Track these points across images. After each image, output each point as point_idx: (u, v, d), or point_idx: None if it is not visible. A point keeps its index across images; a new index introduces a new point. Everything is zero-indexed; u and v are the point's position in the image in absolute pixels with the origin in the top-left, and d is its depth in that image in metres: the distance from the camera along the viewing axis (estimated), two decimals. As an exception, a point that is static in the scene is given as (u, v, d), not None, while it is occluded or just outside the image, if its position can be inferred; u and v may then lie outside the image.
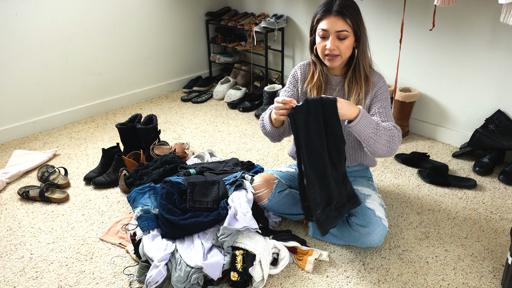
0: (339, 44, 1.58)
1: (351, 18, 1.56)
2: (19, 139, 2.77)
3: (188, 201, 1.73)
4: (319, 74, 1.72)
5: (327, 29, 1.57)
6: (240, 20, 3.34)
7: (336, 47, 1.58)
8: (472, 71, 2.40)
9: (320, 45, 1.62)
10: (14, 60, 2.63)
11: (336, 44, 1.58)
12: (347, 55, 1.63)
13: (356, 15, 1.58)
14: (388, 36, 2.66)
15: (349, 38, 1.58)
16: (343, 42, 1.58)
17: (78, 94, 3.00)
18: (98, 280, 1.64)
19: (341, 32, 1.56)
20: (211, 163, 2.18)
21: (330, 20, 1.56)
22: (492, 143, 2.30)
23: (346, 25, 1.56)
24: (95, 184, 2.23)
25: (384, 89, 1.70)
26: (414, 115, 2.75)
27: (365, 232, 1.64)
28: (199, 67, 3.71)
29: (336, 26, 1.56)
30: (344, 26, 1.56)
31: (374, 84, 1.69)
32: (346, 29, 1.56)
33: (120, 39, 3.09)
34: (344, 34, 1.57)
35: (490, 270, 1.66)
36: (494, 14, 2.20)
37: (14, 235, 1.90)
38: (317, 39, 1.63)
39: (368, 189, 1.83)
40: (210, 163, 2.18)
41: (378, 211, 1.70)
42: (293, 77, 1.83)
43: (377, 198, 1.79)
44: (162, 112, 3.16)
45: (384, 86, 1.70)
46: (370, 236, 1.64)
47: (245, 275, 1.54)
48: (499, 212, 2.00)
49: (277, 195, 1.79)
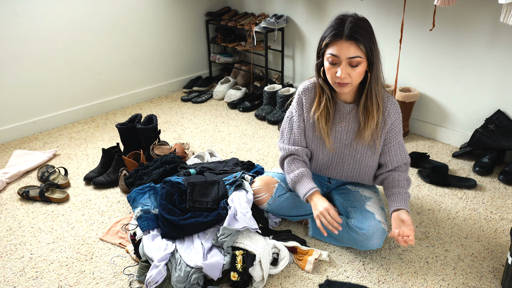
0: (350, 71, 1.44)
1: (365, 43, 1.42)
2: (19, 139, 2.77)
3: (188, 201, 1.73)
4: (326, 100, 1.58)
5: (337, 55, 1.43)
6: (240, 20, 3.34)
7: (347, 75, 1.45)
8: (472, 71, 2.40)
9: (330, 71, 1.48)
10: (14, 60, 2.63)
11: (348, 71, 1.44)
12: (358, 81, 1.50)
13: (369, 38, 1.44)
14: (388, 36, 2.66)
15: (362, 64, 1.45)
16: (355, 69, 1.44)
17: (78, 94, 3.00)
18: (98, 280, 1.64)
19: (353, 58, 1.42)
20: (211, 163, 2.18)
21: (341, 45, 1.42)
22: (492, 143, 2.30)
23: (359, 50, 1.42)
24: (95, 184, 2.23)
25: (399, 120, 1.63)
26: (414, 115, 2.75)
27: (364, 236, 1.64)
28: (199, 67, 3.71)
29: (348, 53, 1.41)
30: (357, 52, 1.42)
31: (389, 113, 1.59)
32: (359, 55, 1.42)
33: (120, 39, 3.09)
34: (356, 60, 1.43)
35: (490, 270, 1.66)
36: (494, 14, 2.20)
37: (14, 235, 1.90)
38: (326, 64, 1.48)
39: (369, 191, 1.82)
40: (210, 163, 2.18)
41: (378, 214, 1.70)
42: (298, 104, 1.67)
43: (378, 201, 1.79)
44: (162, 112, 3.16)
45: (399, 116, 1.62)
46: (369, 239, 1.64)
47: (245, 275, 1.54)
48: (499, 212, 2.00)
49: (277, 199, 1.78)
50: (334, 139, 1.68)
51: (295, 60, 3.33)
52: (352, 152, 1.69)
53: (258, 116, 3.03)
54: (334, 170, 1.79)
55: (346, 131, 1.66)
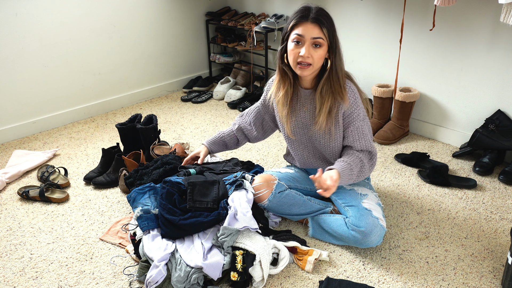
0: (313, 52, 1.55)
1: (328, 28, 1.55)
2: (19, 139, 2.77)
3: (188, 201, 1.73)
4: (287, 86, 1.69)
5: (302, 35, 1.54)
6: (240, 20, 3.34)
7: (310, 54, 1.55)
8: (472, 71, 2.40)
9: (293, 52, 1.58)
10: (14, 60, 2.63)
11: (311, 51, 1.55)
12: (318, 65, 1.60)
13: (331, 26, 1.57)
14: (388, 36, 2.66)
15: (323, 47, 1.56)
16: (317, 51, 1.55)
17: (78, 94, 3.00)
18: (98, 280, 1.64)
19: (316, 39, 1.54)
20: (211, 163, 2.18)
21: (306, 26, 1.54)
22: (492, 143, 2.30)
23: (322, 33, 1.54)
24: (95, 184, 2.23)
25: (355, 105, 1.66)
26: (414, 115, 2.75)
27: (362, 233, 1.64)
28: (199, 67, 3.71)
29: (313, 33, 1.54)
30: (320, 34, 1.54)
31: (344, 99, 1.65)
32: (321, 37, 1.54)
33: (120, 39, 3.09)
34: (319, 41, 1.54)
35: (490, 270, 1.66)
36: (494, 14, 2.20)
37: (14, 235, 1.90)
38: (290, 46, 1.59)
39: (364, 188, 1.82)
40: (210, 163, 2.18)
41: (375, 211, 1.70)
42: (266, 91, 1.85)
43: (374, 197, 1.79)
44: (162, 112, 3.16)
45: (356, 102, 1.66)
46: (368, 237, 1.64)
47: (245, 275, 1.54)
48: (499, 212, 2.00)
49: (277, 195, 1.79)
50: (295, 125, 1.77)
51: (295, 60, 3.32)
52: (312, 138, 1.77)
53: (258, 116, 3.03)
54: (307, 159, 1.88)
55: (305, 117, 1.75)
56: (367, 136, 1.71)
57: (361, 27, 2.78)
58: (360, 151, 1.71)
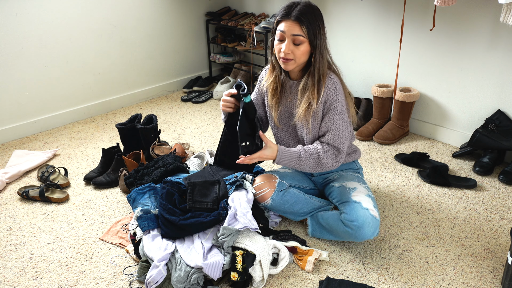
0: (294, 49, 1.59)
1: (308, 25, 1.56)
2: (19, 139, 2.77)
3: (188, 201, 1.73)
4: (276, 75, 1.75)
5: (284, 31, 1.59)
6: (240, 20, 3.34)
7: (290, 51, 1.59)
8: (472, 71, 2.40)
9: (277, 47, 1.64)
10: (14, 60, 2.63)
11: (291, 48, 1.59)
12: (301, 61, 1.63)
13: (314, 22, 1.57)
14: (388, 36, 2.66)
15: (304, 44, 1.59)
16: (298, 48, 1.59)
17: (78, 94, 3.00)
18: (98, 280, 1.64)
19: (296, 36, 1.57)
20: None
21: (287, 23, 1.58)
22: (492, 143, 2.30)
23: (302, 31, 1.57)
24: (95, 184, 2.23)
25: (335, 97, 1.66)
26: (414, 115, 2.75)
27: (355, 226, 1.64)
28: (199, 67, 3.71)
29: (293, 30, 1.57)
30: (300, 32, 1.57)
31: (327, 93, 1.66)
32: (301, 35, 1.57)
33: (120, 39, 3.09)
34: (299, 39, 1.58)
35: (490, 270, 1.66)
36: (494, 14, 2.20)
37: (14, 235, 1.90)
38: (275, 41, 1.64)
39: (352, 182, 1.82)
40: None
41: (364, 202, 1.69)
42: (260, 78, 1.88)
43: (363, 189, 1.78)
44: (162, 112, 3.16)
45: (336, 94, 1.67)
46: (361, 229, 1.63)
47: (245, 275, 1.54)
48: (499, 212, 2.00)
49: (280, 193, 1.79)
50: (281, 114, 1.82)
51: (295, 60, 3.32)
52: (295, 128, 1.82)
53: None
54: None
55: (290, 107, 1.79)
56: (339, 131, 1.69)
57: (361, 27, 2.78)
58: (326, 144, 1.70)
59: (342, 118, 1.69)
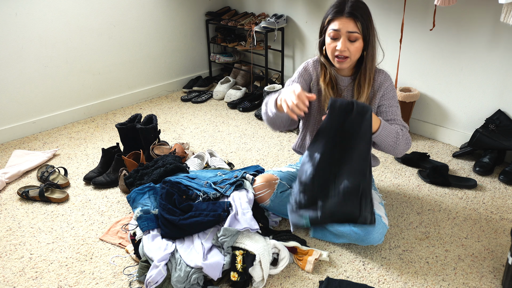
0: (349, 45, 1.57)
1: (362, 21, 1.55)
2: (19, 139, 2.77)
3: None
4: (329, 74, 1.72)
5: (338, 29, 1.56)
6: (240, 20, 3.34)
7: (346, 48, 1.57)
8: (472, 71, 2.39)
9: (331, 46, 1.60)
10: (14, 60, 2.63)
11: (347, 45, 1.57)
12: (356, 57, 1.62)
13: (367, 18, 1.57)
14: (388, 36, 2.66)
15: (359, 40, 1.58)
16: (353, 44, 1.57)
17: (78, 94, 2.99)
18: (98, 280, 1.64)
19: (352, 33, 1.55)
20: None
21: (341, 21, 1.55)
22: (492, 143, 2.30)
23: (357, 27, 1.55)
24: (95, 184, 2.22)
25: (391, 88, 1.71)
26: (414, 115, 2.75)
27: (365, 231, 1.64)
28: (199, 67, 3.71)
29: (348, 27, 1.55)
30: (355, 28, 1.55)
31: (381, 83, 1.70)
32: (356, 31, 1.55)
33: (120, 39, 3.09)
34: (354, 36, 1.56)
35: (491, 270, 1.66)
36: (494, 14, 2.20)
37: (14, 235, 1.89)
38: (327, 40, 1.61)
39: None
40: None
41: (377, 209, 1.71)
42: (306, 70, 1.77)
43: (377, 197, 1.80)
44: (162, 112, 3.16)
45: (391, 85, 1.72)
46: (370, 234, 1.64)
47: (245, 275, 1.54)
48: (499, 212, 2.00)
49: (279, 195, 1.78)
50: None
51: (295, 60, 3.32)
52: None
53: (258, 116, 3.02)
54: None
55: None
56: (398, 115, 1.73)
57: (361, 27, 2.78)
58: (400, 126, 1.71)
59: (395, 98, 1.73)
